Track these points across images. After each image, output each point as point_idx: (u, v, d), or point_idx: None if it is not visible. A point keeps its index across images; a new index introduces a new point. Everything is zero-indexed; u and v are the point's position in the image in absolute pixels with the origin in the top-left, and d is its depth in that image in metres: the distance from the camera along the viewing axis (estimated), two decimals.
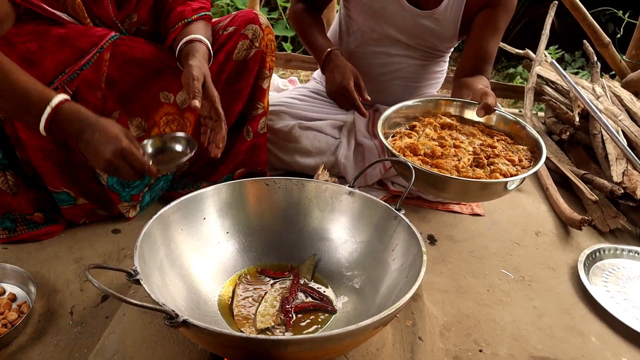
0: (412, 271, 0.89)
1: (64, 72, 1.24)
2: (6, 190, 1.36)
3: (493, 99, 1.41)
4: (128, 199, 1.49)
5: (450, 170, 1.28)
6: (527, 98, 2.36)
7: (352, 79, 1.57)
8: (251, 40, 1.45)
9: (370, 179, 1.72)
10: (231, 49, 1.45)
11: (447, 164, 1.29)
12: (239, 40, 1.45)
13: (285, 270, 1.11)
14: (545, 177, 1.93)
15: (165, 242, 0.96)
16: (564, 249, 1.62)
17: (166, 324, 0.68)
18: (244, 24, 1.45)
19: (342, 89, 1.58)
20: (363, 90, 1.59)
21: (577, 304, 1.39)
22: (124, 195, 1.47)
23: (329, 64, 1.65)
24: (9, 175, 1.35)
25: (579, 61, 3.98)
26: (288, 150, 1.74)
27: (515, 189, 1.32)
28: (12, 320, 1.19)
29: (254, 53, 1.46)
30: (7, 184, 1.36)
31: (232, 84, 1.50)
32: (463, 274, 1.46)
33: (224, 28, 1.47)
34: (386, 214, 1.02)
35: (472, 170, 1.30)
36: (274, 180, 1.11)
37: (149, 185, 1.52)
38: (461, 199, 1.66)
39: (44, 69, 1.20)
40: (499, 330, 1.28)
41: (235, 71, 1.48)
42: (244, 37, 1.45)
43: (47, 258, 1.41)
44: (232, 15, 1.51)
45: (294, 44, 3.85)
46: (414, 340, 1.06)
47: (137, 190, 1.50)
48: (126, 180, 1.45)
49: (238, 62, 1.47)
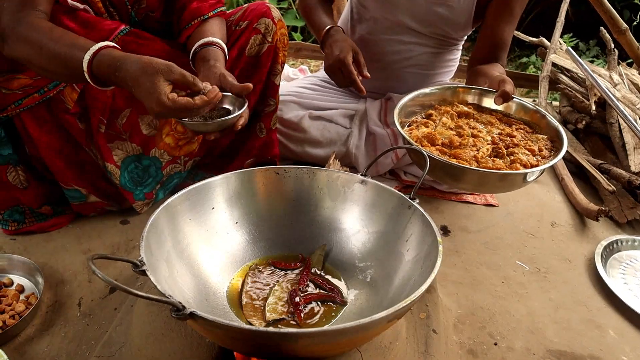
0: (427, 262, 0.86)
1: None
2: (17, 185, 1.36)
3: (511, 87, 1.37)
4: (142, 197, 1.48)
5: (469, 160, 1.24)
6: (542, 87, 2.31)
7: (350, 53, 1.49)
8: (264, 35, 1.42)
9: (382, 168, 1.69)
10: (244, 44, 1.42)
11: (465, 154, 1.26)
12: (252, 35, 1.41)
13: (296, 260, 1.08)
14: (561, 167, 1.89)
15: (173, 232, 0.93)
16: (580, 240, 1.58)
17: (173, 316, 0.66)
18: (256, 18, 1.41)
19: (339, 64, 1.49)
20: (362, 66, 1.51)
21: (594, 296, 1.36)
22: (137, 194, 1.46)
23: (328, 39, 1.58)
24: (20, 170, 1.34)
25: (594, 50, 3.91)
26: (298, 140, 1.71)
27: (534, 180, 1.28)
28: (20, 311, 1.18)
29: (266, 48, 1.43)
30: (18, 179, 1.35)
31: (245, 79, 1.46)
32: (477, 266, 1.43)
33: (236, 23, 1.44)
34: (400, 203, 0.99)
35: (491, 160, 1.26)
36: (284, 169, 1.08)
37: (162, 183, 1.51)
38: (479, 190, 1.63)
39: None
40: (514, 323, 1.25)
41: (248, 67, 1.45)
42: (256, 32, 1.41)
43: (55, 249, 1.40)
44: (244, 8, 1.47)
45: (304, 34, 3.82)
46: (428, 333, 1.03)
47: (150, 188, 1.48)
48: (138, 179, 1.44)
49: (251, 58, 1.44)
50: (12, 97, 1.20)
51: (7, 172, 1.33)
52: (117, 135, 1.37)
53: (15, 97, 1.20)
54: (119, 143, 1.38)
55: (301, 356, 0.79)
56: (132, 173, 1.43)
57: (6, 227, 1.41)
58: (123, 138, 1.38)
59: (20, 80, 1.18)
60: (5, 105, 1.21)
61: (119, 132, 1.37)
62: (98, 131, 1.33)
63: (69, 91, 1.25)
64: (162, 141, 1.44)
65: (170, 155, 1.47)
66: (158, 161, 1.46)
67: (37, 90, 1.20)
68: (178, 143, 1.46)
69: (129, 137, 1.39)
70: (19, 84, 1.18)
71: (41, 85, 1.20)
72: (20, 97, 1.20)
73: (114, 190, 1.46)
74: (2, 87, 1.17)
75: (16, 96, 1.20)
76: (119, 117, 1.35)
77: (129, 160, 1.41)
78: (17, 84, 1.18)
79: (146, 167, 1.45)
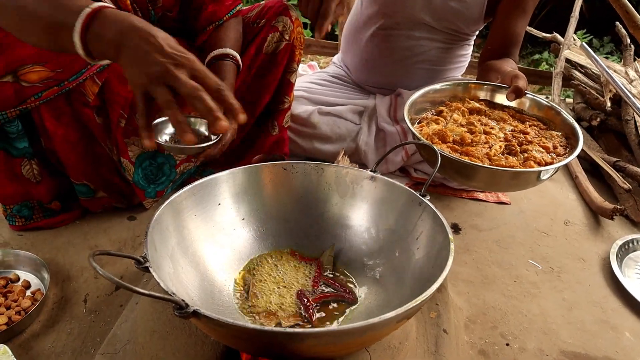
0: (438, 260, 0.83)
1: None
2: (30, 179, 1.35)
3: (524, 82, 1.33)
4: (153, 195, 1.47)
5: (481, 158, 1.21)
6: (555, 83, 2.27)
7: None
8: (281, 32, 1.42)
9: (392, 165, 1.67)
10: (261, 42, 1.42)
11: (477, 152, 1.22)
12: (269, 32, 1.42)
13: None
14: (575, 165, 1.86)
15: (178, 228, 0.91)
16: (595, 239, 1.55)
17: (175, 314, 0.64)
18: (274, 16, 1.42)
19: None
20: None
21: (609, 297, 1.33)
22: (149, 191, 1.46)
23: None
24: (34, 163, 1.34)
25: (608, 46, 3.85)
26: (307, 136, 1.69)
27: (549, 178, 1.25)
28: (26, 307, 1.17)
29: (283, 46, 1.43)
30: (32, 173, 1.35)
31: (261, 77, 1.47)
32: (488, 264, 1.40)
33: (254, 20, 1.44)
34: (410, 200, 0.96)
35: (504, 158, 1.23)
36: (292, 165, 1.05)
37: (173, 181, 1.50)
38: (491, 189, 1.59)
39: (72, 58, 1.17)
40: (526, 323, 1.22)
41: (264, 64, 1.45)
42: (274, 30, 1.42)
43: (62, 245, 1.39)
44: (261, 5, 1.47)
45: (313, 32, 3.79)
46: (439, 333, 1.00)
47: (162, 186, 1.48)
48: (151, 177, 1.43)
49: (267, 55, 1.44)
50: (32, 90, 1.19)
51: (21, 165, 1.33)
52: (133, 131, 1.36)
53: (35, 90, 1.19)
54: (135, 139, 1.37)
55: (308, 357, 0.77)
56: (146, 170, 1.42)
57: (13, 223, 1.40)
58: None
59: (40, 72, 1.17)
60: (24, 98, 1.20)
61: (136, 127, 1.35)
62: (118, 125, 1.32)
63: (90, 84, 1.24)
64: None
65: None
66: (172, 159, 1.46)
67: (57, 83, 1.19)
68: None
69: None
70: (39, 77, 1.17)
71: (62, 79, 1.19)
72: (40, 89, 1.19)
73: (125, 186, 1.46)
74: (22, 80, 1.16)
75: (36, 89, 1.19)
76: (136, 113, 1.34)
77: (143, 157, 1.41)
78: (37, 76, 1.17)
79: (160, 164, 1.45)
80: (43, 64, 1.16)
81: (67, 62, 1.17)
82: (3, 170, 1.32)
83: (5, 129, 1.26)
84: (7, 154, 1.31)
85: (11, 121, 1.24)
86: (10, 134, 1.27)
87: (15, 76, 1.16)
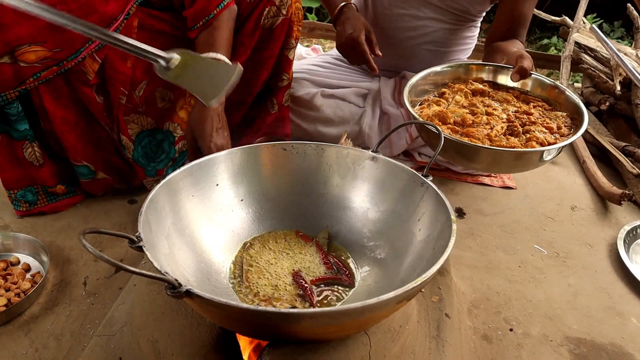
0: (439, 242, 0.81)
1: (92, 41, 1.19)
2: (33, 162, 1.35)
3: (529, 62, 1.30)
4: (153, 173, 1.46)
5: (482, 139, 1.19)
6: (564, 67, 2.23)
7: (363, 32, 1.48)
8: (278, 7, 1.37)
9: (396, 149, 1.64)
10: (258, 16, 1.38)
11: (478, 133, 1.20)
12: (266, 6, 1.37)
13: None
14: (582, 149, 1.82)
15: (174, 209, 0.89)
16: (602, 224, 1.52)
17: (168, 294, 0.62)
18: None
19: (352, 42, 1.49)
20: (374, 44, 1.51)
21: (616, 283, 1.30)
22: (149, 170, 1.44)
23: (340, 17, 1.56)
24: (36, 146, 1.33)
25: (618, 31, 3.78)
26: (309, 119, 1.66)
27: (552, 159, 1.22)
28: (25, 289, 1.17)
29: (281, 21, 1.39)
30: (34, 156, 1.34)
31: (258, 51, 1.44)
32: (493, 249, 1.38)
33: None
34: (412, 181, 0.94)
35: (505, 139, 1.20)
36: (291, 145, 1.03)
37: (174, 160, 1.48)
38: (493, 170, 1.56)
39: (71, 35, 1.15)
40: (531, 308, 1.20)
41: (261, 39, 1.42)
42: (270, 3, 1.37)
43: (62, 228, 1.38)
44: None
45: (319, 16, 3.75)
46: (440, 317, 0.99)
47: (162, 164, 1.46)
48: (151, 155, 1.43)
49: (264, 30, 1.40)
50: (31, 70, 1.17)
51: (23, 148, 1.32)
52: (133, 108, 1.35)
53: (33, 69, 1.18)
54: (135, 116, 1.36)
55: (304, 338, 0.75)
56: (145, 148, 1.41)
57: (18, 208, 1.40)
58: (139, 111, 1.36)
59: (38, 52, 1.15)
60: (23, 79, 1.18)
61: (136, 104, 1.35)
62: (119, 103, 1.31)
63: (90, 62, 1.23)
64: (177, 114, 1.42)
65: (183, 130, 1.44)
66: (172, 135, 1.44)
67: (56, 62, 1.18)
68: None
69: (145, 111, 1.37)
70: (37, 56, 1.16)
71: (60, 58, 1.18)
72: (39, 69, 1.18)
73: (125, 166, 1.45)
74: (20, 60, 1.15)
75: (34, 69, 1.18)
76: (136, 89, 1.33)
77: (142, 134, 1.40)
78: (35, 56, 1.16)
79: (160, 141, 1.43)
80: (41, 44, 1.14)
81: (66, 40, 1.15)
82: (6, 155, 1.32)
83: (6, 111, 1.25)
84: (9, 137, 1.30)
85: (11, 103, 1.23)
86: (10, 115, 1.26)
87: (12, 57, 1.14)
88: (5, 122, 1.28)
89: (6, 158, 1.32)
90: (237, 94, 1.48)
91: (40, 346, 1.06)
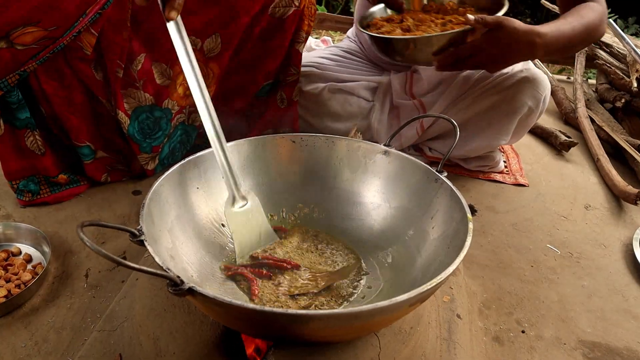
0: (454, 241, 0.78)
1: (85, 14, 1.15)
2: (35, 151, 1.32)
3: (493, 20, 1.16)
4: (148, 150, 1.43)
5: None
6: (578, 62, 2.18)
7: None
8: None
9: (406, 140, 1.60)
10: (268, 1, 1.34)
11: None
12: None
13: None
14: (596, 147, 1.78)
15: (178, 202, 0.86)
16: (617, 224, 1.48)
17: (170, 291, 0.59)
18: None
19: None
20: None
21: (631, 284, 1.27)
22: (144, 146, 1.42)
23: None
24: (37, 134, 1.31)
25: (633, 27, 3.72)
26: (317, 113, 1.62)
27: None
28: (26, 280, 1.14)
29: (292, 12, 1.36)
30: (36, 144, 1.32)
31: (266, 40, 1.40)
32: (505, 248, 1.35)
33: None
34: (426, 177, 0.91)
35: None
36: (300, 137, 1.00)
37: (168, 136, 1.45)
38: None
39: (65, 11, 1.12)
40: (543, 310, 1.16)
41: (270, 27, 1.38)
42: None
43: (65, 219, 1.35)
44: None
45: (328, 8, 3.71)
46: (452, 318, 0.95)
47: (158, 141, 1.44)
48: (148, 131, 1.40)
49: (274, 19, 1.37)
50: (29, 52, 1.14)
51: (25, 137, 1.30)
52: (131, 83, 1.32)
53: (31, 51, 1.14)
54: (132, 91, 1.33)
55: (313, 340, 0.72)
56: (142, 124, 1.38)
57: (21, 198, 1.38)
58: (137, 86, 1.33)
59: (34, 33, 1.12)
60: (22, 62, 1.15)
61: (134, 79, 1.32)
62: (116, 77, 1.28)
63: (87, 36, 1.20)
64: (176, 92, 1.39)
65: (179, 106, 1.42)
66: (170, 113, 1.41)
67: (53, 41, 1.15)
68: (186, 92, 1.42)
69: (142, 86, 1.34)
70: (33, 38, 1.12)
71: (57, 36, 1.14)
72: (37, 50, 1.15)
73: (124, 145, 1.43)
74: (17, 43, 1.12)
75: (32, 51, 1.14)
76: (133, 63, 1.30)
77: (140, 110, 1.37)
78: (31, 37, 1.12)
79: (157, 119, 1.41)
80: (36, 24, 1.11)
81: (61, 17, 1.12)
82: (9, 145, 1.30)
83: (6, 100, 1.22)
84: (11, 127, 1.28)
85: (11, 90, 1.20)
86: (11, 104, 1.23)
87: (8, 41, 1.11)
88: (7, 111, 1.25)
89: (10, 149, 1.30)
90: (241, 77, 1.45)
91: (40, 339, 1.03)
